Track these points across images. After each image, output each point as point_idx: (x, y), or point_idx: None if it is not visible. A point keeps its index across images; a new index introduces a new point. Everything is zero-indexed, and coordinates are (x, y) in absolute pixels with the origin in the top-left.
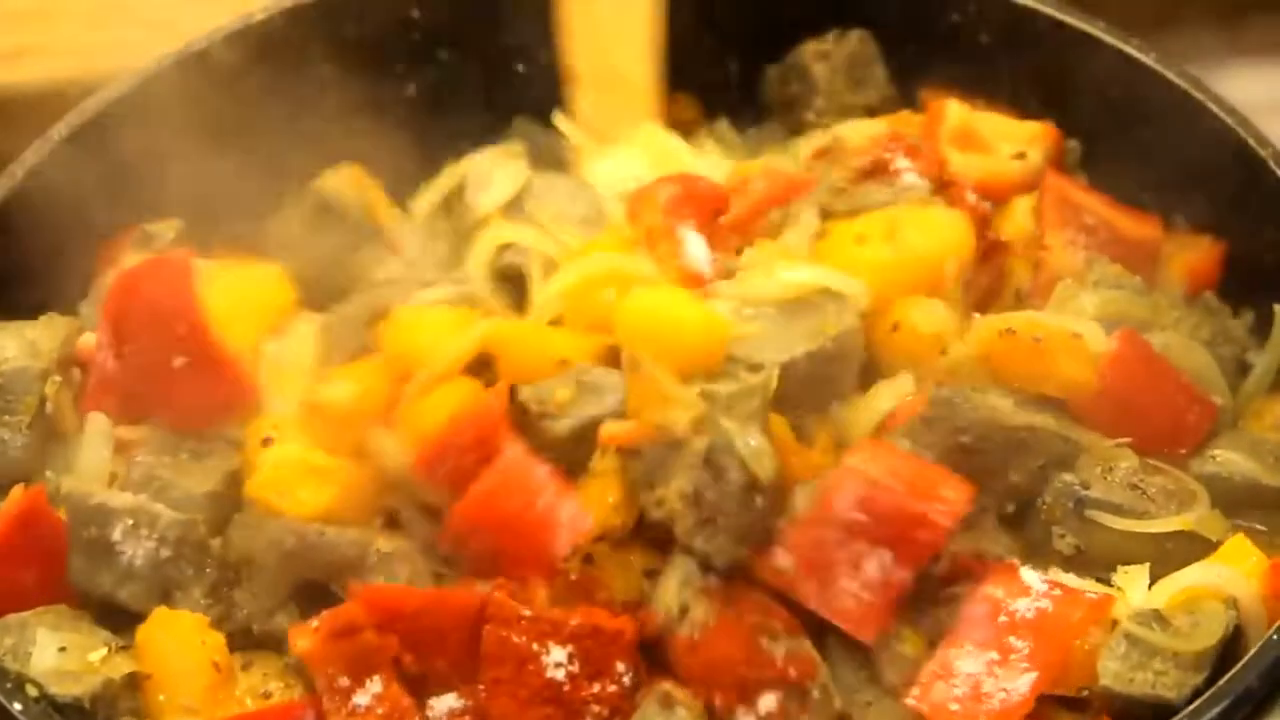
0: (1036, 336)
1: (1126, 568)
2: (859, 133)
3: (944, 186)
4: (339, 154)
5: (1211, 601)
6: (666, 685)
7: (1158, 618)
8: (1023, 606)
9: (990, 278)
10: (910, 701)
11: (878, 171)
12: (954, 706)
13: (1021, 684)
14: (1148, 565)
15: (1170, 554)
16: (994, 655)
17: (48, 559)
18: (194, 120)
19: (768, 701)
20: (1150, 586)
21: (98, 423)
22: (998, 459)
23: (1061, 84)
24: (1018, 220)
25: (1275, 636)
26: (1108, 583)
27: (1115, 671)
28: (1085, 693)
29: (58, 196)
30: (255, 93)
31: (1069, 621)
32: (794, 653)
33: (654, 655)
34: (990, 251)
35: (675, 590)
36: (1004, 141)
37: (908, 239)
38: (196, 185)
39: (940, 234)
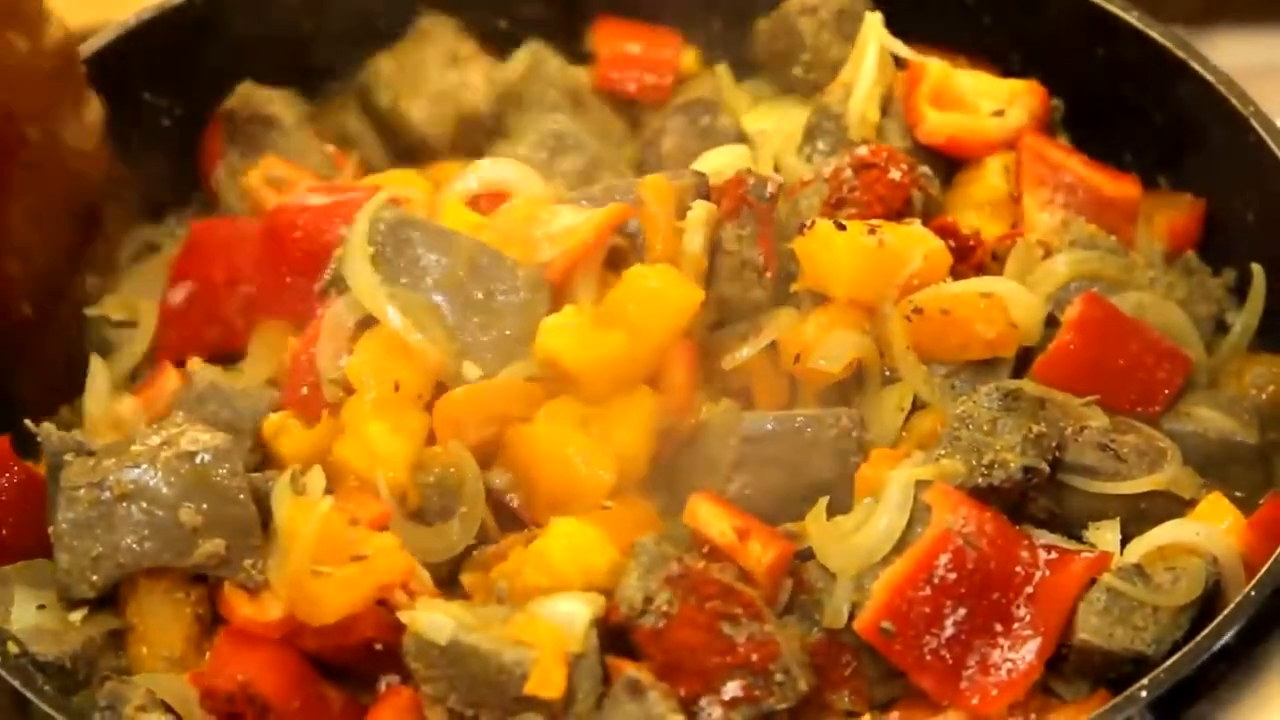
0: (943, 309)
1: (1098, 524)
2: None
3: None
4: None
5: (1191, 558)
6: (632, 671)
7: (1139, 572)
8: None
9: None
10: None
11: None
12: (963, 684)
13: (1028, 652)
14: (1118, 520)
15: (1144, 512)
16: (997, 626)
17: (21, 510)
18: (177, 72)
19: (732, 688)
20: (1125, 543)
21: (98, 368)
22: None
23: (1044, 43)
24: (990, 180)
25: (1253, 593)
26: (1080, 539)
27: (1095, 626)
28: (1064, 649)
29: None
30: (238, 45)
31: (1068, 584)
32: (755, 637)
33: (621, 644)
34: (965, 254)
35: (638, 580)
36: (985, 99)
37: (886, 237)
38: (180, 138)
39: (918, 241)
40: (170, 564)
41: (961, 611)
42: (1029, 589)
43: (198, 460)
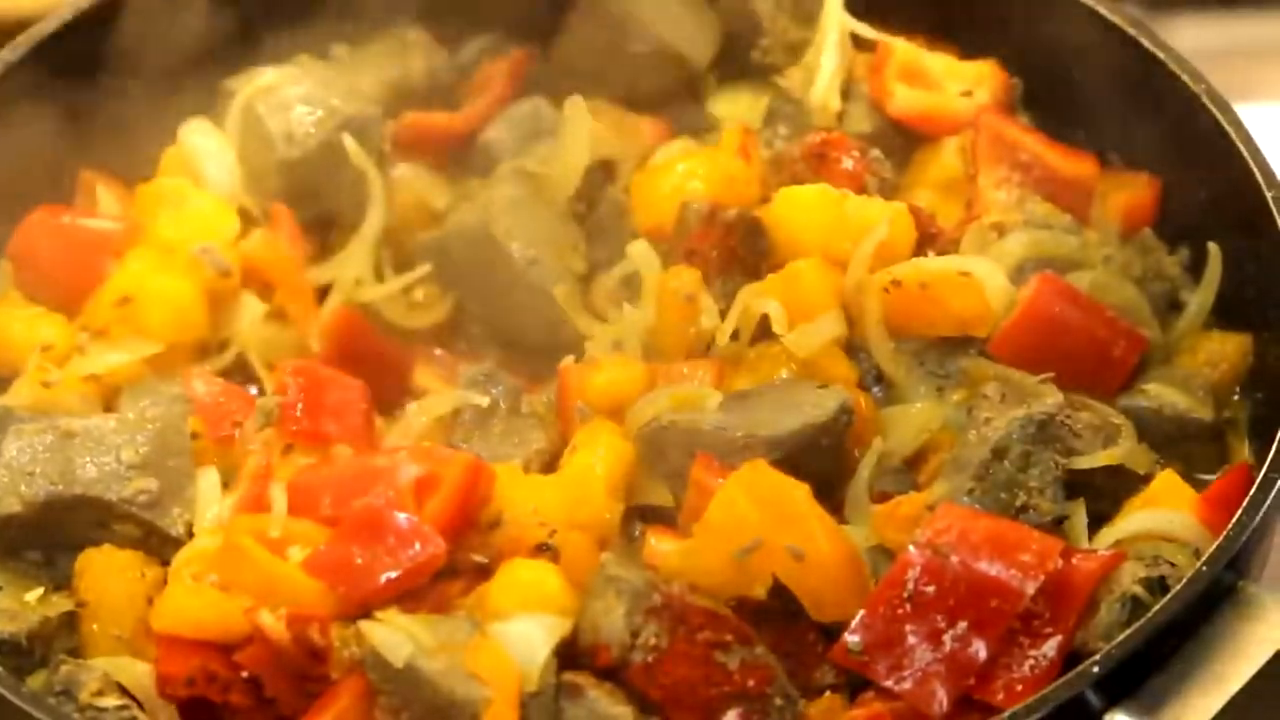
0: (922, 283)
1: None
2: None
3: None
4: None
5: (1175, 548)
6: (569, 675)
7: (1162, 585)
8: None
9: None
10: None
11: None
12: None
13: (1049, 649)
14: (1082, 501)
15: (1100, 489)
16: (1015, 623)
17: None
18: (132, 56)
19: (732, 718)
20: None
21: None
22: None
23: (997, 20)
24: (945, 160)
25: (1204, 568)
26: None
27: (1120, 639)
28: None
29: None
30: (194, 28)
31: (1084, 583)
32: (748, 662)
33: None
34: (927, 240)
35: (624, 617)
36: (951, 80)
37: (850, 205)
38: (132, 122)
39: (882, 208)
40: (101, 495)
41: (962, 625)
42: (1033, 588)
43: (149, 416)
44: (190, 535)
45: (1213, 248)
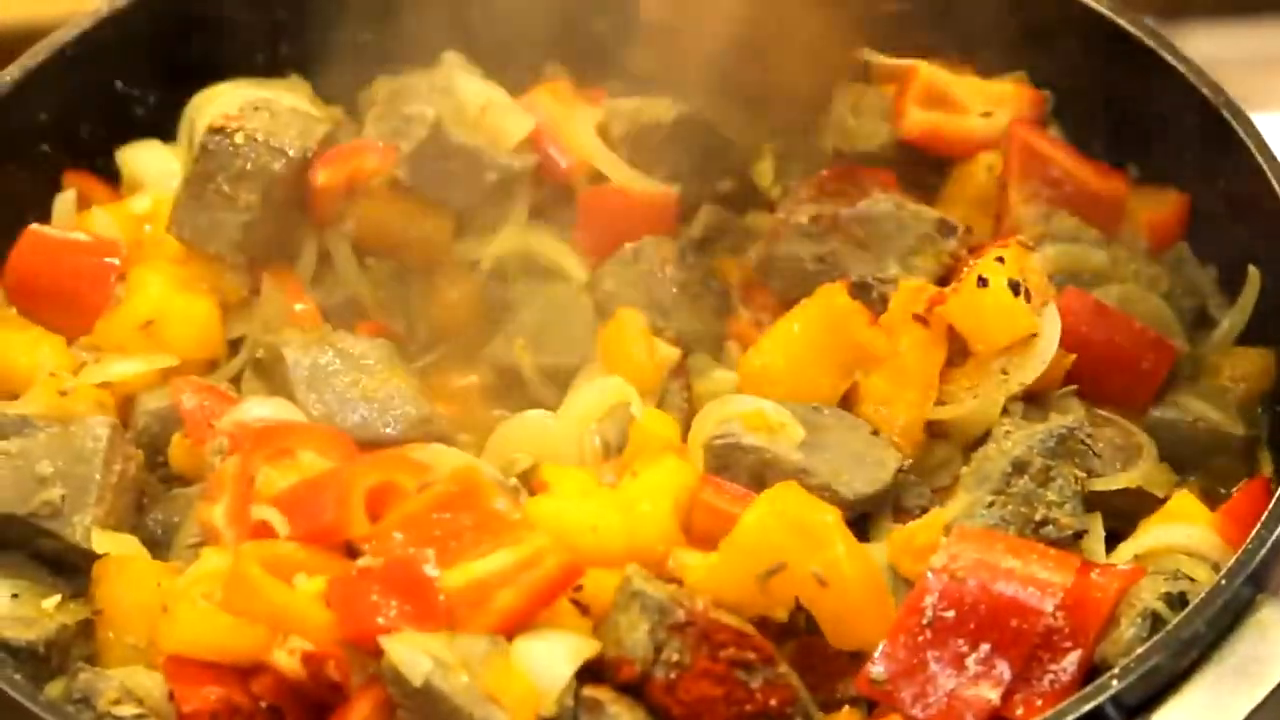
0: None
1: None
2: None
3: None
4: None
5: (1195, 563)
6: (589, 691)
7: (1182, 600)
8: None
9: None
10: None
11: None
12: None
13: (1069, 664)
14: (1099, 515)
15: (1119, 508)
16: (1036, 639)
17: None
18: (148, 62)
19: None
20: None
21: None
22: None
23: (1015, 33)
24: (979, 177)
25: (1223, 582)
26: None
27: (1139, 654)
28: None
29: (8, 138)
30: (206, 34)
31: (1105, 598)
32: (771, 681)
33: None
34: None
35: (647, 633)
36: (976, 100)
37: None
38: (147, 129)
39: None
40: (13, 510)
41: (985, 647)
42: (1052, 605)
43: (73, 430)
44: (81, 545)
45: (1252, 270)
